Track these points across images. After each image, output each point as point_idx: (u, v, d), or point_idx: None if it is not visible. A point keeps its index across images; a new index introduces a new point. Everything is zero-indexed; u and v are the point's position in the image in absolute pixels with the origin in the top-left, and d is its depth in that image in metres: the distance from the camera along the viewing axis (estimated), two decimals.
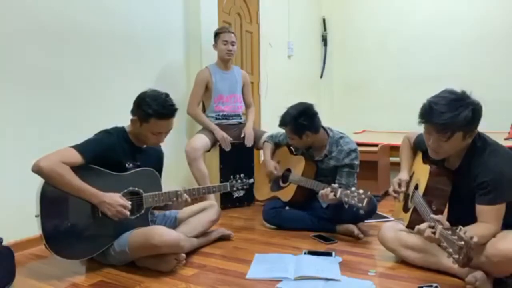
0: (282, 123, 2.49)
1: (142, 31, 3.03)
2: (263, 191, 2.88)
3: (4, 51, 2.22)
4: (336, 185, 2.20)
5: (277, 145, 2.86)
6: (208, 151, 3.16)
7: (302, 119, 2.40)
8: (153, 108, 1.93)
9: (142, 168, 2.05)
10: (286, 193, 2.62)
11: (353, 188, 2.10)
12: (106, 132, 2.00)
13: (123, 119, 2.07)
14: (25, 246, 2.25)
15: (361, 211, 2.06)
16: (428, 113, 1.65)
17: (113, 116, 2.18)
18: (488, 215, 1.62)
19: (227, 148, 3.16)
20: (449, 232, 1.40)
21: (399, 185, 1.98)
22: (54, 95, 2.46)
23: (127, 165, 2.01)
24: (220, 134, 3.14)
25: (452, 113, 1.59)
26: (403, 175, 2.03)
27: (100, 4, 2.71)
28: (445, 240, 1.41)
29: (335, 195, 2.15)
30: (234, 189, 2.35)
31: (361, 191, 2.06)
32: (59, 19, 2.48)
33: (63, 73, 2.51)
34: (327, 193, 2.19)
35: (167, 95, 2.03)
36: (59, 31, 2.47)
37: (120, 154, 1.99)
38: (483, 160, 1.66)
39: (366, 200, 2.03)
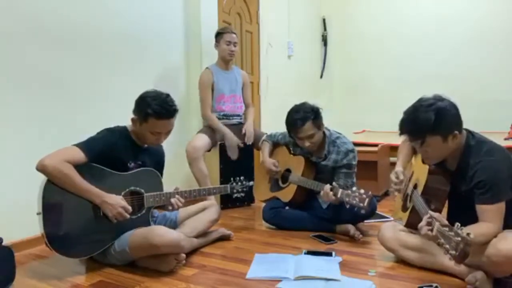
0: (303, 120, 2.34)
1: (142, 31, 3.03)
2: (262, 191, 2.87)
3: (4, 52, 2.22)
4: (336, 185, 2.20)
5: (275, 145, 2.86)
6: (209, 150, 3.16)
7: (318, 110, 2.42)
8: (152, 108, 1.93)
9: (143, 168, 2.05)
10: (286, 194, 2.62)
11: (354, 188, 2.10)
12: (108, 131, 2.01)
13: (123, 118, 2.07)
14: (25, 246, 2.25)
15: (362, 211, 2.06)
16: (400, 124, 1.74)
17: (113, 115, 2.19)
18: (488, 214, 1.62)
19: (234, 156, 3.14)
20: (446, 228, 1.40)
21: (397, 177, 1.97)
22: (55, 95, 2.47)
23: (128, 163, 2.02)
24: (231, 141, 3.12)
25: (415, 119, 1.66)
26: (398, 168, 2.03)
27: (100, 4, 2.71)
28: (442, 237, 1.42)
29: (335, 195, 2.15)
30: (234, 191, 2.35)
31: (362, 191, 2.06)
32: (59, 19, 2.48)
33: (63, 73, 2.52)
34: (327, 193, 2.20)
35: (167, 95, 2.02)
36: (59, 31, 2.47)
37: (122, 152, 2.00)
38: (479, 159, 1.67)
39: (367, 200, 2.03)
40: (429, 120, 1.63)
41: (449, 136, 1.66)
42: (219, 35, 3.23)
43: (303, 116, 2.37)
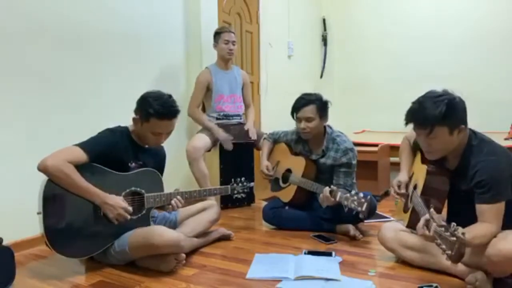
0: (307, 102, 2.46)
1: (142, 31, 3.03)
2: (263, 191, 2.87)
3: (4, 52, 2.22)
4: (335, 188, 2.20)
5: (276, 144, 2.86)
6: (209, 150, 3.17)
7: (327, 103, 2.51)
8: (154, 108, 1.94)
9: (144, 169, 2.06)
10: (287, 194, 2.62)
11: (353, 192, 2.09)
12: (110, 131, 2.01)
13: (123, 118, 2.07)
14: (25, 246, 2.25)
15: (361, 215, 2.06)
16: (408, 112, 1.74)
17: (113, 115, 2.19)
18: (488, 214, 1.62)
19: (230, 147, 3.15)
20: (443, 229, 1.41)
21: (399, 187, 2.00)
22: (54, 95, 2.47)
23: (129, 164, 2.02)
24: (221, 135, 3.14)
25: (426, 108, 1.66)
26: (402, 176, 2.04)
27: (100, 4, 2.71)
28: (439, 237, 1.43)
29: (334, 198, 2.15)
30: (235, 192, 2.35)
31: (361, 194, 2.06)
32: (59, 19, 2.48)
33: (63, 73, 2.51)
34: (327, 196, 2.19)
35: (170, 96, 2.03)
36: (59, 31, 2.47)
37: (123, 152, 2.00)
38: (480, 159, 1.67)
39: (365, 204, 2.02)
40: (440, 109, 1.62)
41: (456, 129, 1.66)
42: (217, 34, 3.23)
43: (309, 99, 2.48)
